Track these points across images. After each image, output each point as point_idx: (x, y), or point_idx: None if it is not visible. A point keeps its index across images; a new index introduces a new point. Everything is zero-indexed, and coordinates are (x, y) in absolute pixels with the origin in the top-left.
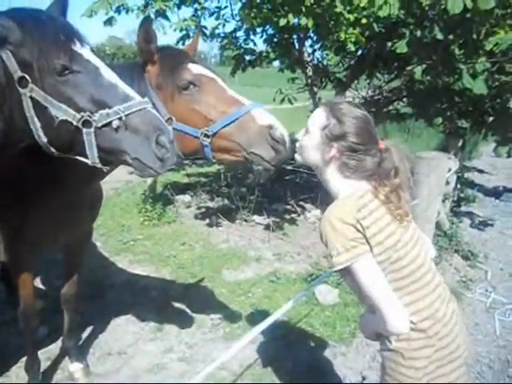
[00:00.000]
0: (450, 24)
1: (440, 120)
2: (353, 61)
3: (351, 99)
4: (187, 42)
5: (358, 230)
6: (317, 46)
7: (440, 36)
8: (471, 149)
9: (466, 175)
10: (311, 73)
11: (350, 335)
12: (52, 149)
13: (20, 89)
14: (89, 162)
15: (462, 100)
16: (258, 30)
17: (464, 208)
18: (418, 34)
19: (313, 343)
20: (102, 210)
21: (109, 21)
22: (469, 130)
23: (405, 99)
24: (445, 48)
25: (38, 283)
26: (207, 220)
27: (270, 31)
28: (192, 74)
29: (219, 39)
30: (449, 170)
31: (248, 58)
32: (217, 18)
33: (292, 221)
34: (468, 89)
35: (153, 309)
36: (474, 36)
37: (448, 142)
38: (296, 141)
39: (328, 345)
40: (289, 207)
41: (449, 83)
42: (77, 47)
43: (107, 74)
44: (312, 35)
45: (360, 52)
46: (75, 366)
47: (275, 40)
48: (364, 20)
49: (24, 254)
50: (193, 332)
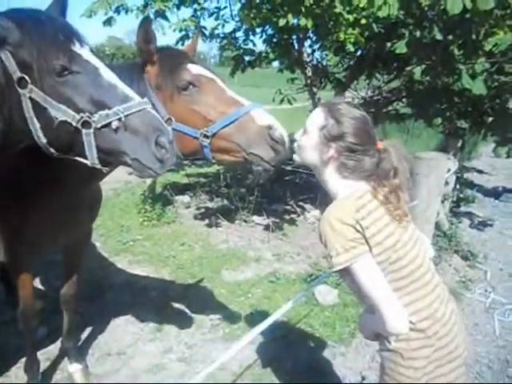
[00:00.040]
0: (450, 24)
1: (439, 120)
2: (352, 61)
3: (351, 99)
4: (186, 43)
5: (358, 231)
6: (316, 47)
7: (439, 36)
8: (470, 149)
9: (466, 175)
10: (310, 73)
11: (350, 335)
12: (51, 149)
13: (19, 89)
14: (88, 163)
15: (462, 100)
16: (258, 31)
17: (463, 208)
18: (418, 35)
19: (312, 343)
20: (102, 211)
21: (108, 21)
22: (468, 131)
23: (404, 99)
24: (444, 48)
25: (38, 284)
26: (207, 220)
27: (270, 31)
28: (191, 75)
29: (218, 40)
30: (448, 171)
31: (247, 59)
32: (216, 19)
33: (291, 221)
34: (467, 89)
35: (152, 309)
36: (474, 36)
37: (447, 143)
38: (294, 141)
39: (327, 345)
40: (288, 208)
41: (448, 83)
42: (76, 48)
43: (107, 75)
44: (311, 35)
45: (359, 52)
46: (74, 367)
47: (274, 40)
48: (363, 20)
49: (23, 255)
50: (192, 332)
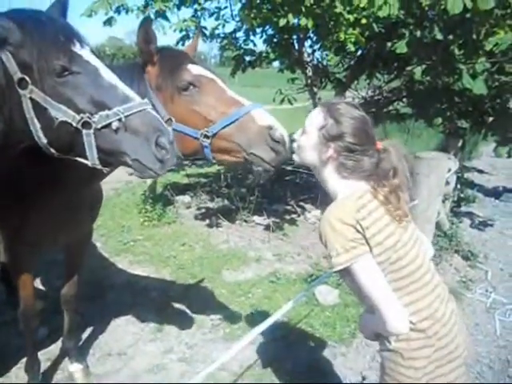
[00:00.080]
0: (450, 24)
1: (440, 120)
2: (352, 61)
3: (351, 99)
4: (187, 43)
5: (358, 231)
6: (316, 47)
7: (440, 36)
8: (471, 149)
9: (466, 175)
10: (311, 73)
11: (350, 335)
12: (52, 150)
13: (20, 90)
14: (89, 164)
15: (462, 100)
16: (258, 31)
17: (464, 208)
18: (418, 35)
19: (313, 344)
20: (102, 211)
21: (108, 21)
22: (469, 130)
23: (405, 99)
24: (445, 48)
25: (38, 284)
26: (207, 220)
27: (270, 32)
28: (192, 75)
29: (219, 40)
30: (449, 171)
31: (248, 59)
32: (216, 19)
33: (292, 221)
34: (468, 89)
35: (153, 309)
36: (474, 36)
37: (448, 143)
38: (294, 141)
39: (328, 345)
40: (289, 208)
41: (449, 83)
42: (76, 48)
43: (107, 75)
44: (312, 35)
45: (360, 52)
46: (75, 367)
47: (275, 40)
48: (364, 20)
49: (24, 255)
50: (193, 333)
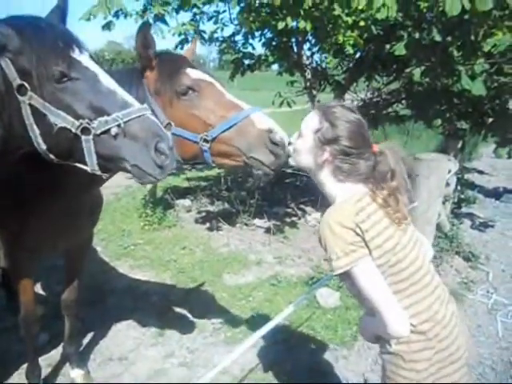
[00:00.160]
0: (448, 26)
1: (439, 121)
2: (351, 63)
3: (350, 102)
4: (186, 47)
5: (357, 234)
6: (315, 49)
7: (438, 38)
8: (471, 150)
9: (466, 176)
10: (310, 76)
11: (352, 338)
12: (51, 156)
13: (19, 96)
14: (88, 169)
15: (461, 101)
16: (257, 34)
17: (464, 209)
18: (417, 36)
19: (314, 346)
20: (103, 215)
21: (107, 25)
22: (468, 132)
23: (404, 101)
24: (443, 50)
25: (39, 289)
26: (207, 224)
27: (269, 35)
28: (191, 79)
29: (218, 43)
30: (449, 172)
31: (247, 62)
32: (215, 22)
33: (292, 224)
34: (467, 90)
35: (154, 314)
36: (473, 37)
37: (447, 144)
38: (290, 144)
39: (329, 348)
40: (289, 210)
41: (448, 85)
42: (75, 54)
43: (106, 81)
44: (310, 38)
45: (358, 54)
46: (76, 372)
47: (274, 43)
48: (362, 22)
49: (24, 261)
50: (194, 337)
